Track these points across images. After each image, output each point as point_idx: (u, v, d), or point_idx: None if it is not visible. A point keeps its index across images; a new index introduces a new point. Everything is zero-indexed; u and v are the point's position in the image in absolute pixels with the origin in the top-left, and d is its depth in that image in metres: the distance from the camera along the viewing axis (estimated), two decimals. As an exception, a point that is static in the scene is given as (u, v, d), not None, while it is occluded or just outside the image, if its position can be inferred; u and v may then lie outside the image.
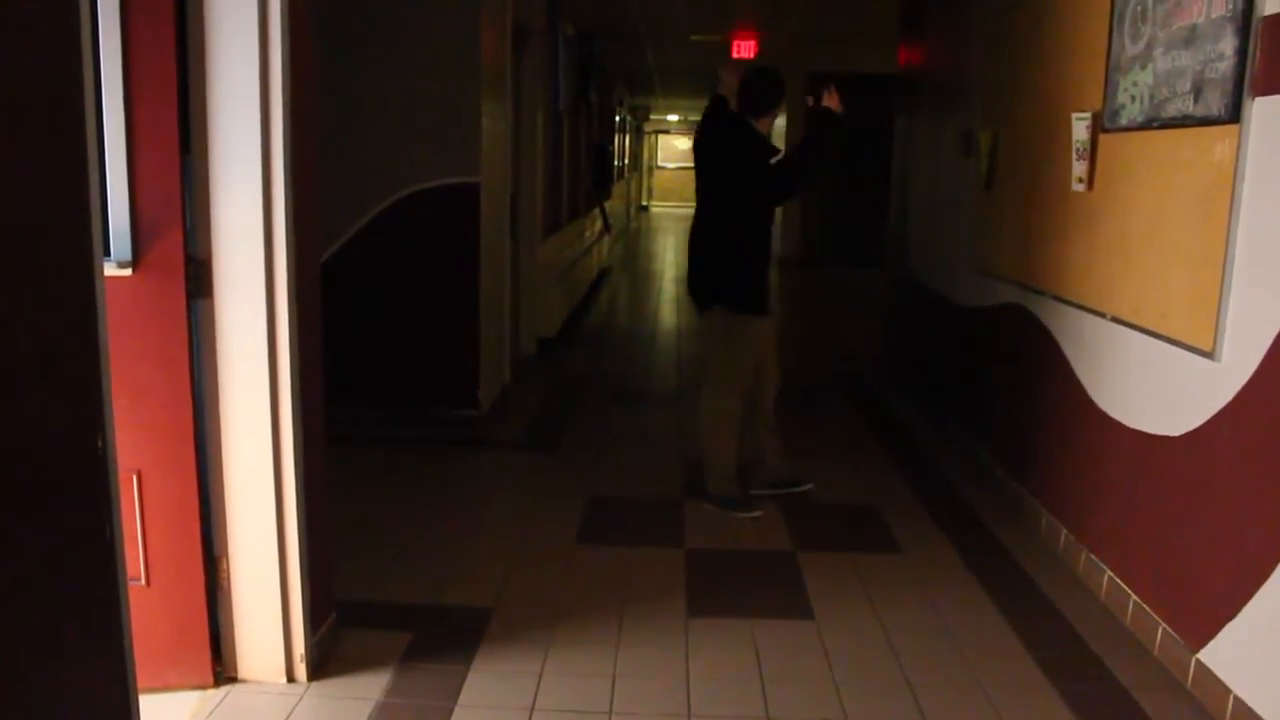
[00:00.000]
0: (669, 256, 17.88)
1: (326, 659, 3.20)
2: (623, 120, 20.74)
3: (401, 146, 5.59)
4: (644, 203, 31.05)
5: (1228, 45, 3.04)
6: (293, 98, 2.85)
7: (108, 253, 2.68)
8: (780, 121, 16.40)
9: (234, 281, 2.87)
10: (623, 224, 20.40)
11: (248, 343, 2.89)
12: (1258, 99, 2.93)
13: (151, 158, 2.72)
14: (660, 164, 33.96)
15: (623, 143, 21.24)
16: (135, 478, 2.81)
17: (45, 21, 1.71)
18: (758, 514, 4.64)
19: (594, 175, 13.32)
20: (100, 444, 1.87)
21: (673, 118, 30.54)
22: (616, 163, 18.33)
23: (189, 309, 2.83)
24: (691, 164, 4.81)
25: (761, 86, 4.57)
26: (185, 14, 2.73)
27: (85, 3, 1.81)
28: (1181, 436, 3.33)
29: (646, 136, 31.74)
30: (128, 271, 2.74)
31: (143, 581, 2.87)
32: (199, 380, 2.89)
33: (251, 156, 2.81)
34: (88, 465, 1.85)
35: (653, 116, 27.88)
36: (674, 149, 33.75)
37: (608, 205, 14.62)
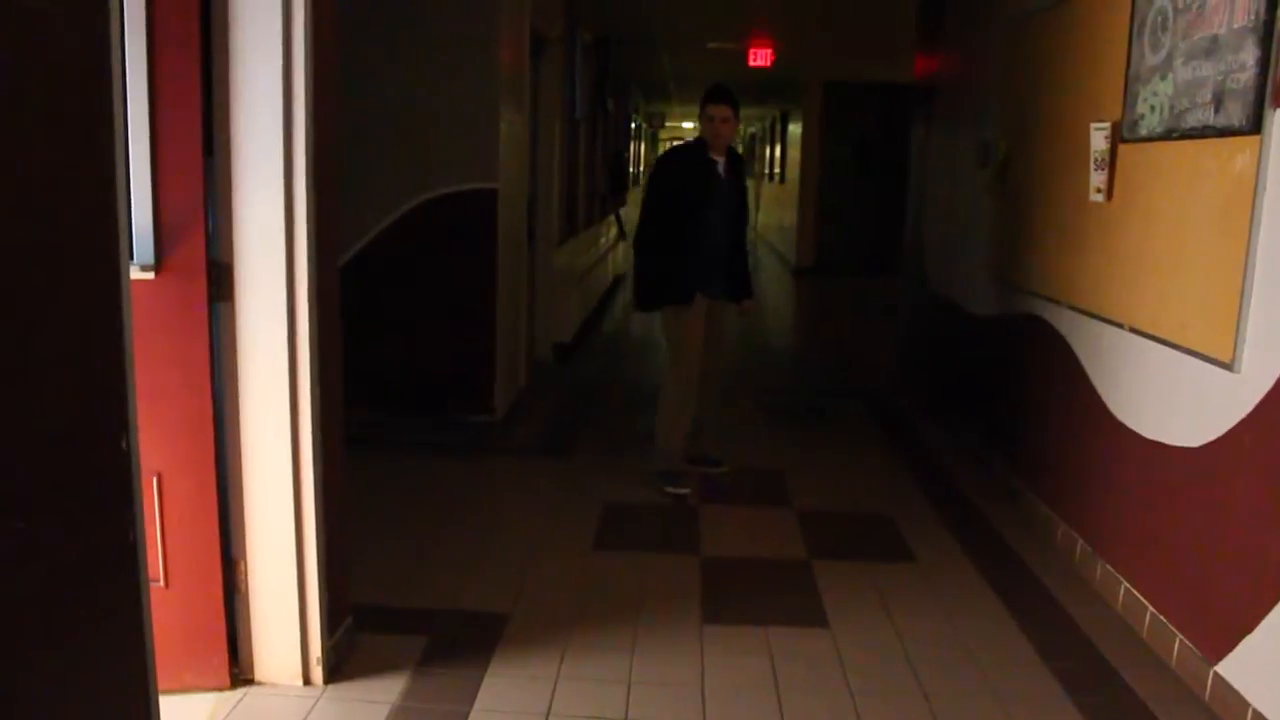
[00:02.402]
0: (683, 264, 17.83)
1: (342, 662, 3.21)
2: (638, 127, 20.81)
3: (420, 152, 5.61)
4: (658, 209, 31.00)
5: (1249, 56, 3.03)
6: (315, 101, 2.86)
7: (131, 256, 2.69)
8: (795, 129, 16.42)
9: (255, 285, 2.88)
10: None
11: (268, 346, 2.91)
12: (1279, 110, 2.92)
13: (175, 161, 2.74)
14: (675, 171, 33.89)
15: (638, 149, 21.28)
16: (155, 479, 2.83)
17: (74, 28, 1.72)
18: (685, 491, 5.01)
19: (610, 182, 13.35)
20: (125, 444, 1.88)
21: (688, 125, 30.52)
22: (632, 169, 18.36)
23: (210, 312, 2.84)
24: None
25: None
26: (210, 17, 2.75)
27: (114, 8, 1.83)
28: (1200, 448, 3.31)
29: (661, 143, 31.76)
30: (150, 275, 2.75)
31: (161, 583, 2.88)
32: (219, 383, 2.91)
33: (274, 160, 2.83)
34: (113, 466, 1.87)
35: (668, 124, 27.88)
36: (689, 156, 33.70)
37: (623, 212, 14.65)
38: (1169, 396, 3.54)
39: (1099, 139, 4.02)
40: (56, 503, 1.71)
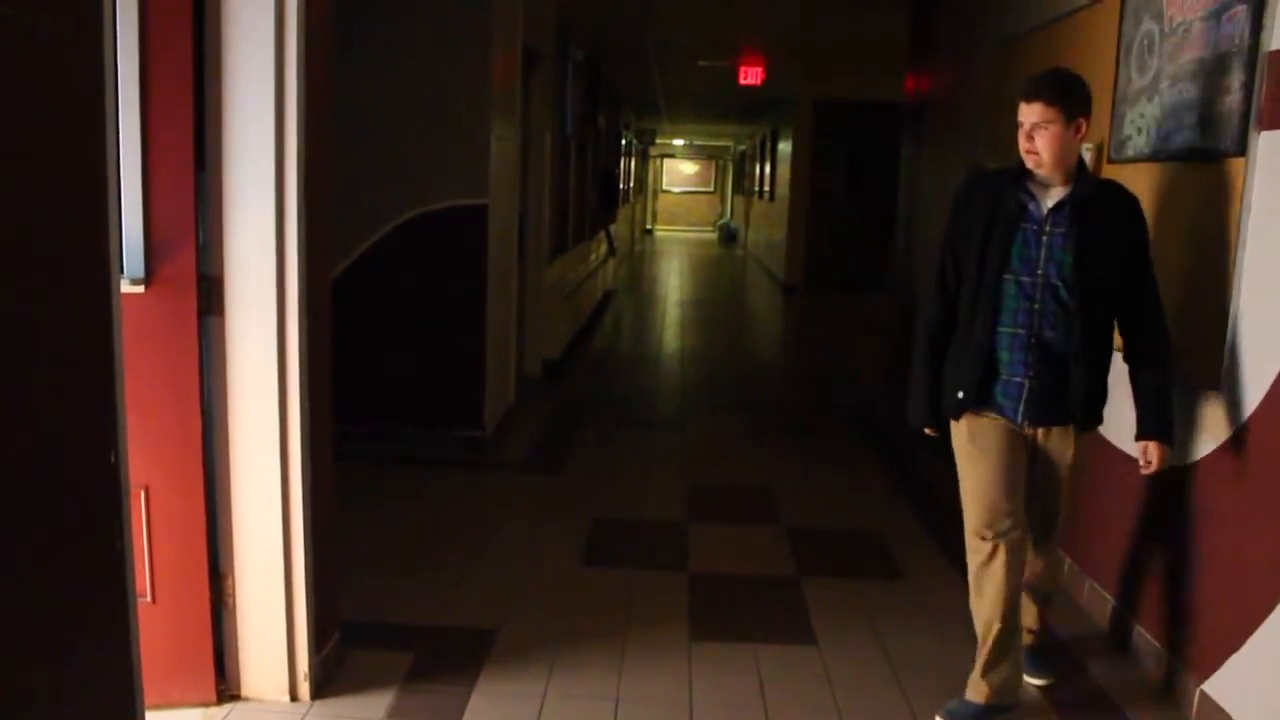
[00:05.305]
0: (672, 280, 17.94)
1: (329, 678, 3.20)
2: (629, 144, 20.84)
3: (411, 167, 5.62)
4: (648, 226, 31.14)
5: (1234, 79, 3.06)
6: (307, 116, 2.87)
7: (121, 269, 2.69)
8: (785, 147, 16.49)
9: (245, 299, 2.88)
10: (627, 247, 20.47)
11: (258, 360, 2.91)
12: (1264, 133, 2.95)
13: (166, 175, 2.74)
14: (665, 188, 34.07)
15: (628, 166, 21.34)
16: (143, 493, 2.82)
17: (67, 43, 1.73)
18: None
19: (600, 198, 13.38)
20: (114, 458, 1.88)
21: (678, 142, 30.65)
22: (622, 186, 18.41)
23: (200, 326, 2.84)
24: (695, 188, 4.75)
25: None
26: (203, 32, 2.76)
27: (108, 23, 1.84)
28: (1185, 467, 3.33)
29: (652, 160, 31.85)
30: (140, 288, 2.75)
31: (148, 598, 2.87)
32: (208, 396, 2.90)
33: (265, 174, 2.83)
34: (101, 480, 1.87)
35: (658, 141, 27.99)
36: (679, 173, 33.88)
37: (613, 228, 14.68)
38: (1155, 415, 3.55)
39: (1086, 160, 4.04)
40: (44, 516, 1.71)
